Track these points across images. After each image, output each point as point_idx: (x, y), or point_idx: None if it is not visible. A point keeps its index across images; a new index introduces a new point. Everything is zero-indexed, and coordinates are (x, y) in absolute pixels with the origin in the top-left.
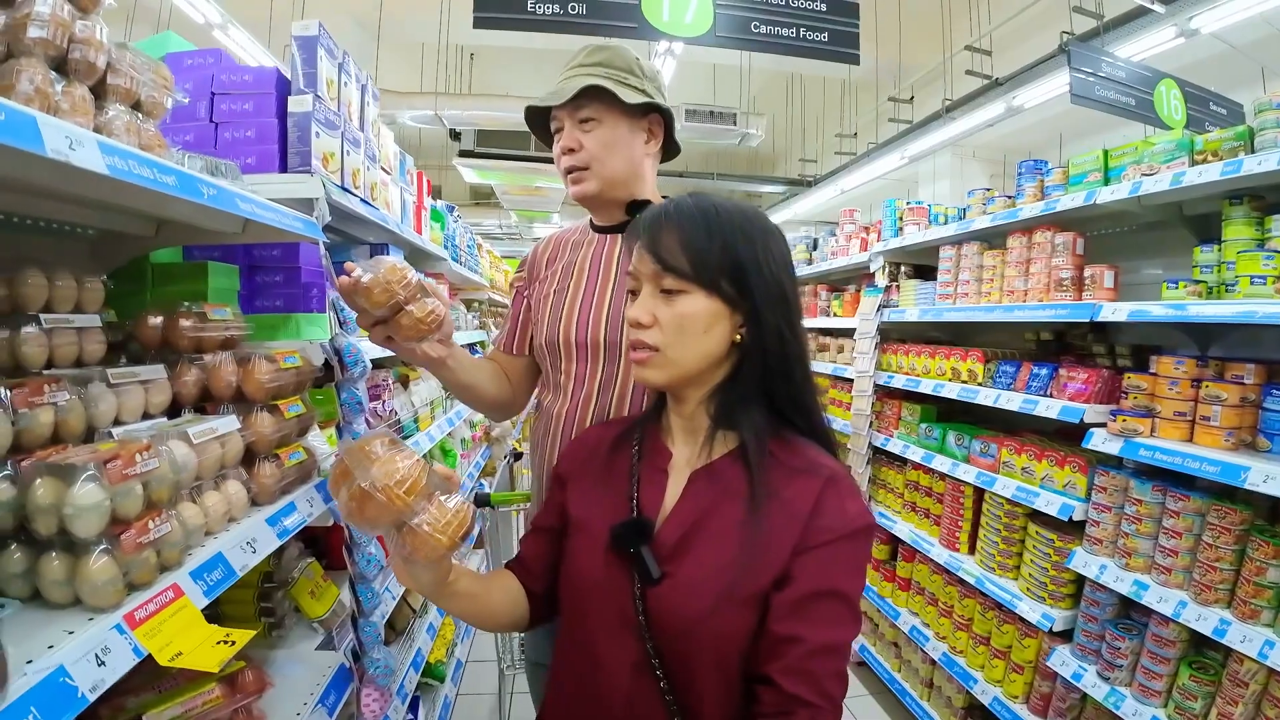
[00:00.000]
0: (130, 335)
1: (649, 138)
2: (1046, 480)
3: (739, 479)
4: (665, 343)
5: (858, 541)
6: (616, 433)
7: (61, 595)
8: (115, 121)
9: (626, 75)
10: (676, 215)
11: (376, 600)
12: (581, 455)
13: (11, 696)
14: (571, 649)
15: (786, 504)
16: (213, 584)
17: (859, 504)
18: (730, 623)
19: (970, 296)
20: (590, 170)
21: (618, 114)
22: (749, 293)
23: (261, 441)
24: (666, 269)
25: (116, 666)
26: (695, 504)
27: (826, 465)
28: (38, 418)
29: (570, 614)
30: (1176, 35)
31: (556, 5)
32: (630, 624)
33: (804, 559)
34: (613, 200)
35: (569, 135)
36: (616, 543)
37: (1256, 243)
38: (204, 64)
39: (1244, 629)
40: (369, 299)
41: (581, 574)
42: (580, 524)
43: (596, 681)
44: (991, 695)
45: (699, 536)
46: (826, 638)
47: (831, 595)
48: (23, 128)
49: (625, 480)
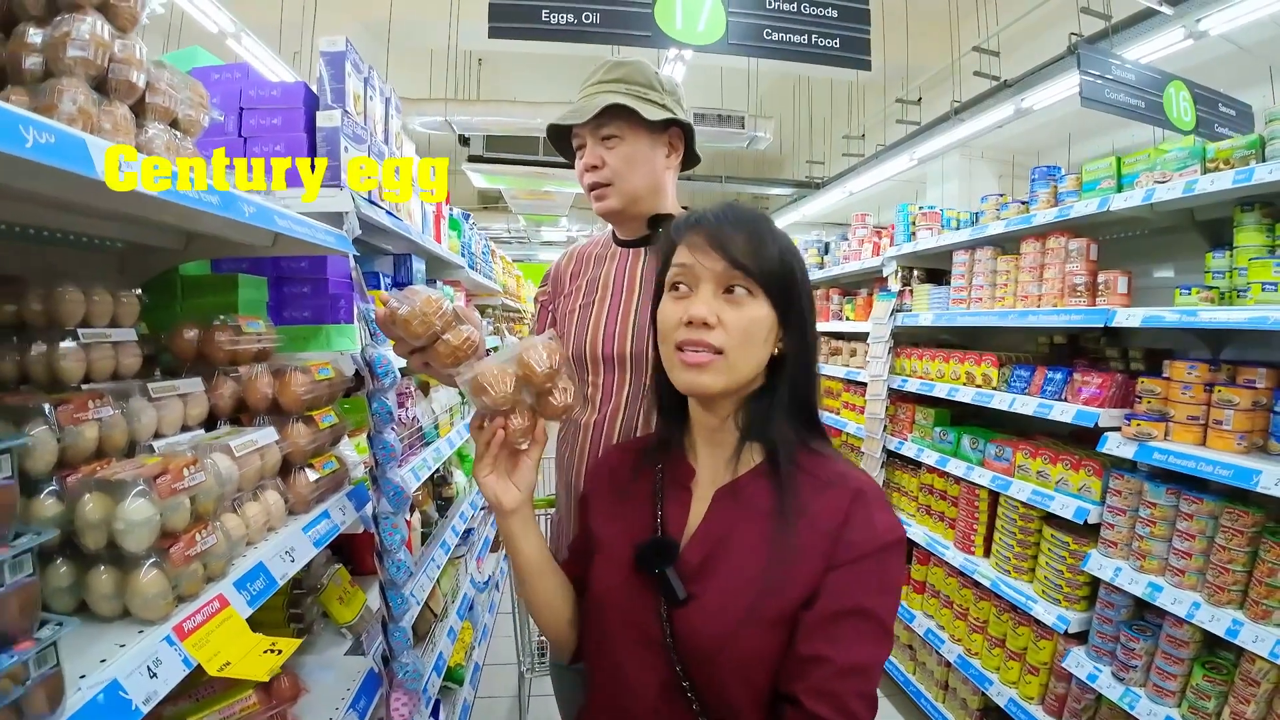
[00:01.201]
0: (164, 348)
1: (670, 151)
2: (1061, 484)
3: (764, 495)
4: (731, 346)
5: (887, 556)
6: (638, 451)
7: (110, 609)
8: (155, 140)
9: (647, 91)
10: (742, 217)
11: (406, 605)
12: (603, 475)
13: (68, 711)
14: (600, 669)
15: (814, 520)
16: (256, 593)
17: (888, 516)
18: (759, 643)
19: (984, 301)
20: (613, 186)
21: (639, 130)
22: (794, 304)
23: (297, 452)
24: (737, 267)
25: (168, 678)
26: (720, 523)
27: (853, 477)
28: (83, 433)
29: (596, 634)
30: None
31: (570, 14)
32: (657, 644)
33: (833, 576)
34: (636, 215)
35: (591, 152)
36: (641, 563)
37: (1268, 249)
38: (231, 79)
39: (1256, 629)
40: (407, 330)
41: (607, 594)
42: (604, 543)
43: (624, 703)
44: (1007, 697)
45: (724, 556)
46: (854, 658)
47: (859, 614)
48: (73, 150)
49: (649, 500)
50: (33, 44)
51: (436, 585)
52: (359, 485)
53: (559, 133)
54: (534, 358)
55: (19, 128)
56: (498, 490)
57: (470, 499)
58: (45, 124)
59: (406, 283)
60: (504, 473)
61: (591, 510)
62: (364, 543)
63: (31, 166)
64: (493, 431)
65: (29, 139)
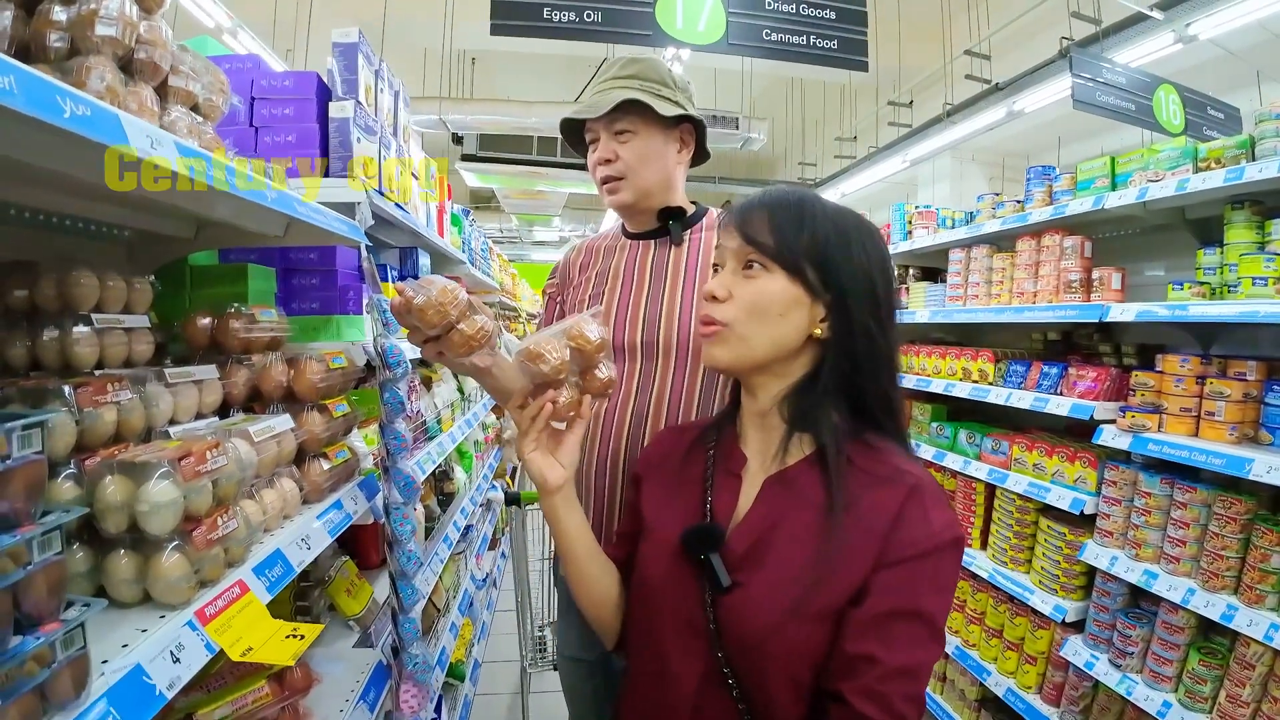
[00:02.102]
0: (175, 337)
1: (681, 146)
2: (1057, 476)
3: (815, 486)
4: (735, 319)
5: (943, 557)
6: (694, 435)
7: (130, 594)
8: (178, 123)
9: (660, 87)
10: (771, 198)
11: (416, 597)
12: (656, 458)
13: (92, 696)
14: (642, 653)
15: (866, 515)
16: (274, 580)
17: (945, 514)
18: (803, 636)
19: (980, 298)
20: (626, 180)
21: (652, 125)
22: (835, 285)
23: (312, 440)
24: (750, 242)
25: (190, 663)
26: (768, 512)
27: (911, 473)
28: (102, 416)
29: (640, 618)
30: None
31: (572, 13)
32: (701, 632)
33: (884, 575)
34: (647, 208)
35: (605, 146)
36: (687, 549)
37: (1258, 245)
38: (243, 69)
39: (1250, 613)
40: (423, 319)
41: (653, 578)
42: (652, 527)
43: (664, 688)
44: (1005, 687)
45: (771, 546)
46: (905, 660)
47: (913, 615)
48: (107, 124)
49: (699, 484)
50: (58, 21)
51: (439, 580)
52: (369, 475)
53: (572, 127)
54: (586, 329)
55: (56, 98)
56: (543, 466)
57: (470, 495)
58: (81, 96)
59: (413, 275)
60: (547, 450)
61: (643, 494)
62: (369, 537)
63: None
64: (539, 406)
65: (66, 110)
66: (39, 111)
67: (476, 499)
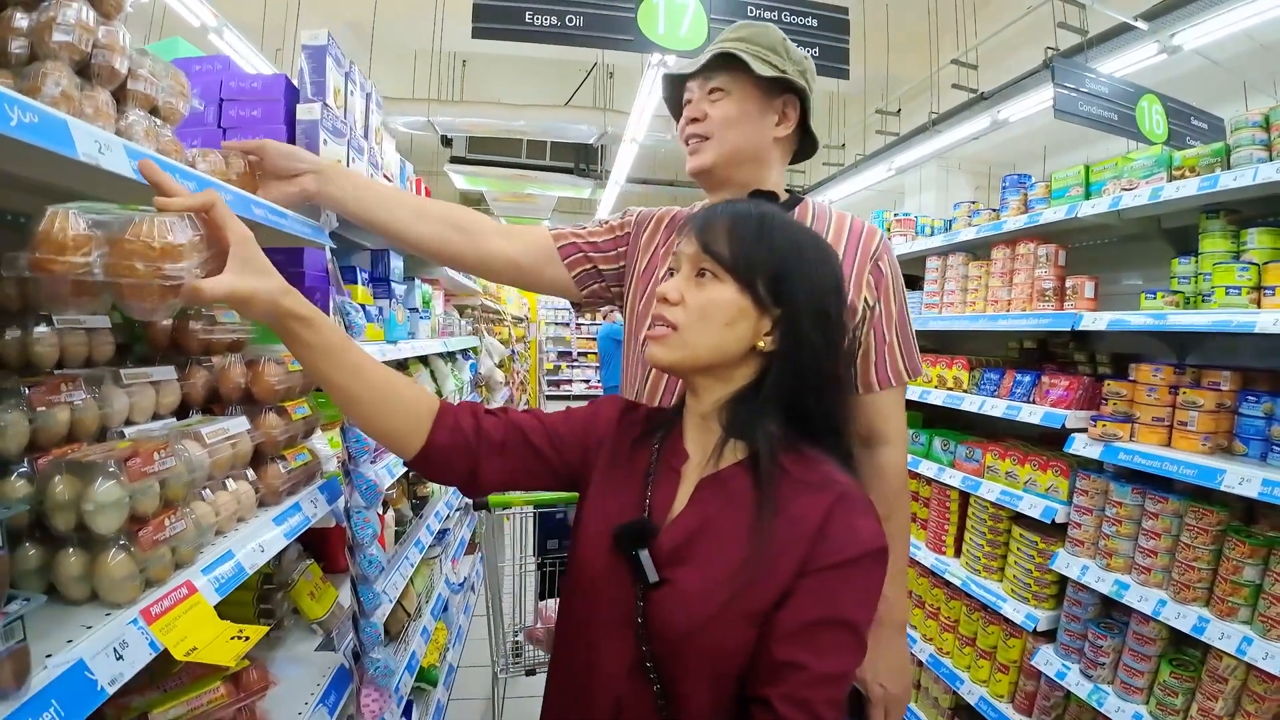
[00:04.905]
0: (138, 337)
1: (780, 120)
2: (1029, 484)
3: (746, 490)
4: (685, 323)
5: (868, 566)
6: (647, 421)
7: (78, 591)
8: (135, 126)
9: (767, 52)
10: (733, 210)
11: (377, 601)
12: (616, 433)
13: (33, 690)
14: (574, 641)
15: (794, 520)
16: (224, 581)
17: (871, 524)
18: (727, 636)
19: (955, 306)
20: (710, 141)
21: (749, 88)
22: (787, 301)
23: (269, 443)
24: (706, 251)
25: (134, 660)
26: (700, 512)
27: (840, 481)
28: (55, 416)
29: (576, 606)
30: (1159, 51)
31: (554, 17)
32: (630, 624)
33: (810, 581)
34: (730, 180)
35: (695, 105)
36: (617, 544)
37: (1232, 255)
38: (212, 70)
39: (1222, 626)
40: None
41: (589, 565)
42: (593, 515)
43: (591, 676)
44: (978, 695)
45: (701, 545)
46: (830, 667)
47: (839, 624)
48: (55, 130)
49: (641, 479)
50: (19, 28)
51: (410, 584)
52: (331, 479)
53: (674, 93)
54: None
55: (4, 107)
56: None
57: (446, 499)
58: (29, 104)
59: (384, 279)
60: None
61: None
62: (336, 541)
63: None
64: None
65: (13, 118)
66: None
67: (453, 503)
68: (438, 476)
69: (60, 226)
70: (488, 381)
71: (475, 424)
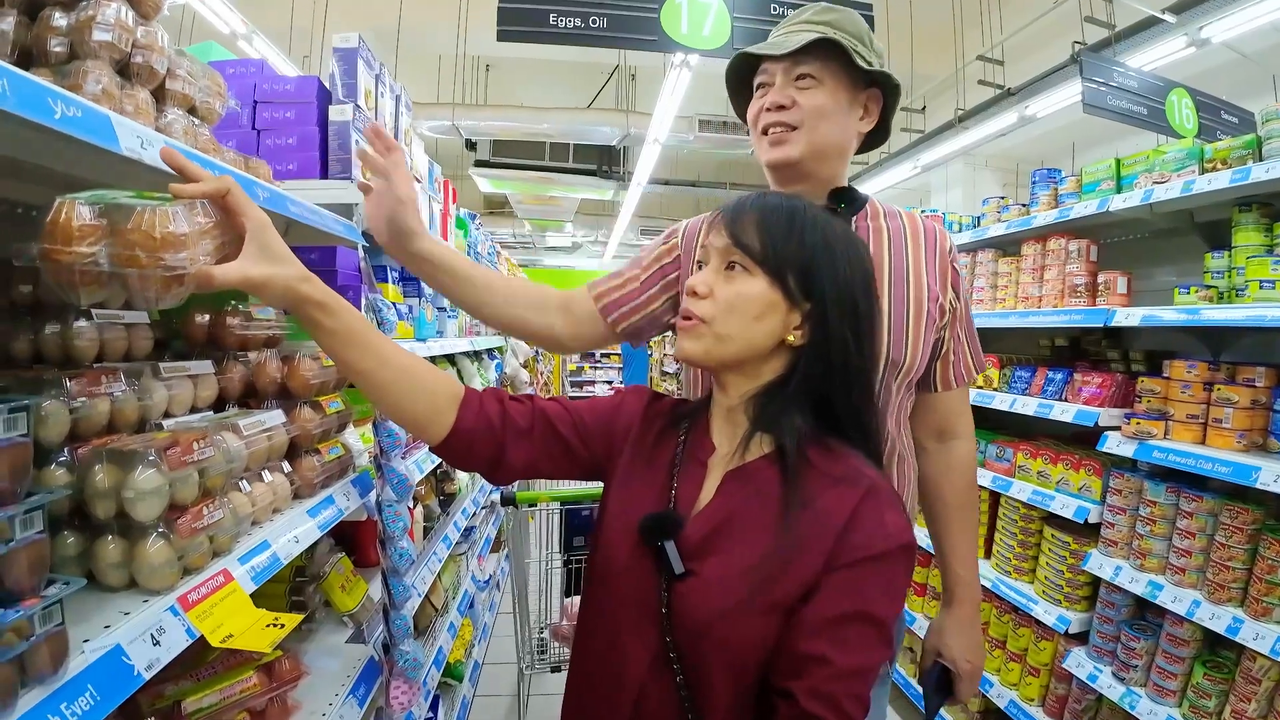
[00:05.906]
0: (175, 333)
1: (864, 115)
2: (1062, 483)
3: (772, 483)
4: (714, 316)
5: (895, 561)
6: (672, 412)
7: (117, 578)
8: (174, 125)
9: (857, 42)
10: (763, 202)
11: (408, 594)
12: (641, 424)
13: (70, 673)
14: (596, 632)
15: (821, 514)
16: (259, 571)
17: (899, 519)
18: (750, 628)
19: (985, 303)
20: (799, 132)
21: (841, 78)
22: (816, 295)
23: (304, 436)
24: (736, 244)
25: (171, 647)
26: (727, 504)
27: (868, 475)
28: (95, 407)
29: (599, 597)
30: (1187, 45)
31: (578, 18)
32: (654, 616)
33: (837, 576)
34: (813, 175)
35: (780, 91)
36: (643, 535)
37: (1265, 248)
38: (246, 73)
39: (1256, 627)
40: None
41: (613, 556)
42: (618, 505)
43: (614, 667)
44: (1008, 699)
45: (727, 537)
46: (856, 662)
47: (865, 619)
48: (98, 125)
49: (666, 470)
50: (58, 27)
51: (438, 579)
52: (363, 473)
53: (739, 74)
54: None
55: (48, 100)
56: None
57: (473, 496)
58: (72, 98)
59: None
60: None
61: (616, 460)
62: (367, 535)
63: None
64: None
65: (57, 111)
66: (30, 112)
67: (479, 500)
68: (462, 461)
69: (67, 216)
70: (513, 381)
71: (501, 409)
